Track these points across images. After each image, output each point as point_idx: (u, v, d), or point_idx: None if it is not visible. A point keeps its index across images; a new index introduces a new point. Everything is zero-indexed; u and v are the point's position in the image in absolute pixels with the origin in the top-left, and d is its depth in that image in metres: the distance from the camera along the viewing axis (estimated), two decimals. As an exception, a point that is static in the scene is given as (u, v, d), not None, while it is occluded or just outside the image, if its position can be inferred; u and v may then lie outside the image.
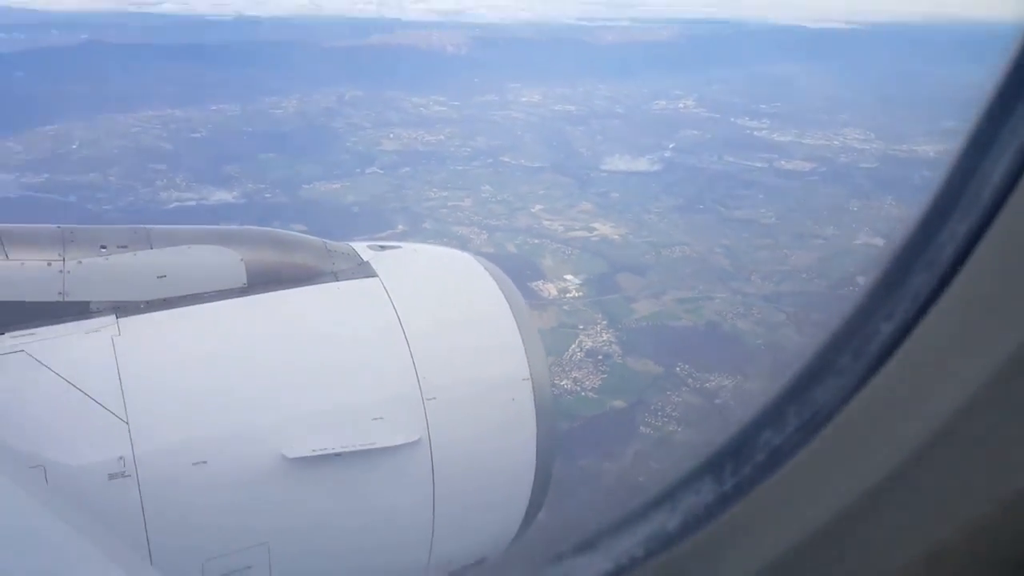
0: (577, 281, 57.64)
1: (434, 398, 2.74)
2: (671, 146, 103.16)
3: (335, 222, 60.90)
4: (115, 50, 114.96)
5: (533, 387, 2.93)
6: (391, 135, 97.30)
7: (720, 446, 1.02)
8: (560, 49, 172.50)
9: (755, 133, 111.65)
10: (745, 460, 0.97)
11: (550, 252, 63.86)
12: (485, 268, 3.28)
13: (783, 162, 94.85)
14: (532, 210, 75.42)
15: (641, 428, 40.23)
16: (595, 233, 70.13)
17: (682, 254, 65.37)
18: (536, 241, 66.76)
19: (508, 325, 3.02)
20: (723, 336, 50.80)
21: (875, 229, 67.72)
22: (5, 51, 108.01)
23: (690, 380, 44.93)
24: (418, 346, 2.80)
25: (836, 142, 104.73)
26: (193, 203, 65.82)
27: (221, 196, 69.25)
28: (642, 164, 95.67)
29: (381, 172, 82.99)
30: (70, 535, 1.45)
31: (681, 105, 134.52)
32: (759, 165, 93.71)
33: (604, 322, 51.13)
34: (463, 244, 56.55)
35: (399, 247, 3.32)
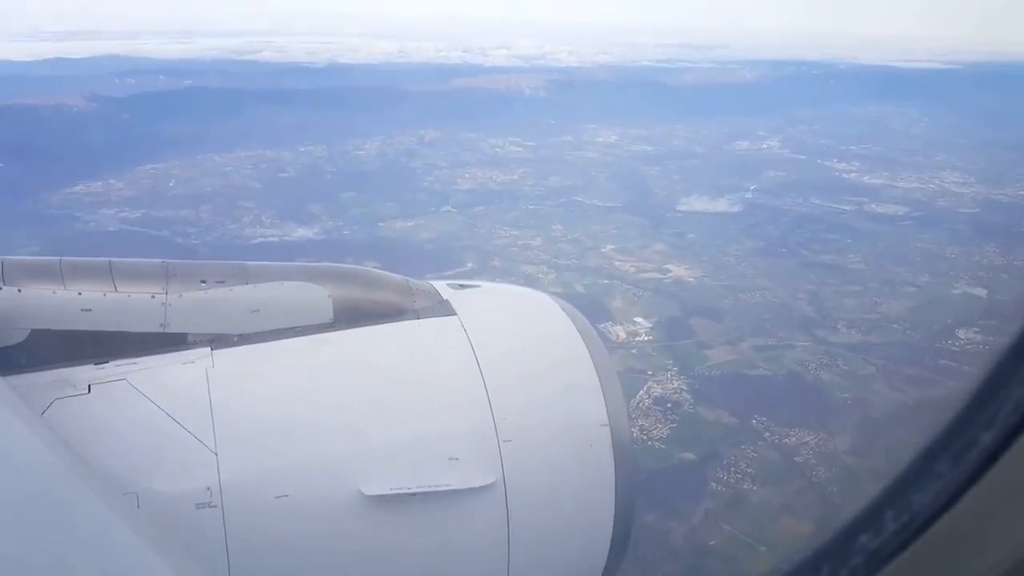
0: (647, 324, 56.00)
1: (510, 440, 2.72)
2: (753, 188, 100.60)
3: (408, 258, 61.63)
4: (215, 95, 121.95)
5: (611, 433, 2.86)
6: (467, 174, 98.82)
7: (815, 547, 0.97)
8: (638, 91, 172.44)
9: (844, 175, 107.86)
10: (841, 563, 0.92)
11: (620, 293, 62.56)
12: (563, 309, 3.22)
13: (874, 205, 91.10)
14: (603, 250, 74.52)
15: (712, 484, 38.10)
16: (668, 275, 68.48)
17: (762, 299, 62.87)
18: (606, 281, 65.65)
19: (586, 368, 2.95)
20: (805, 388, 48.12)
21: (975, 278, 63.58)
22: (116, 95, 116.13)
23: (767, 434, 42.55)
24: (494, 386, 2.78)
25: (932, 185, 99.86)
26: (276, 239, 68.22)
27: (303, 232, 71.59)
28: (721, 205, 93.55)
29: (455, 210, 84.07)
30: (157, 563, 1.49)
31: (764, 146, 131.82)
32: (847, 208, 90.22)
33: (675, 368, 49.29)
34: (531, 283, 56.00)
35: (478, 286, 3.32)
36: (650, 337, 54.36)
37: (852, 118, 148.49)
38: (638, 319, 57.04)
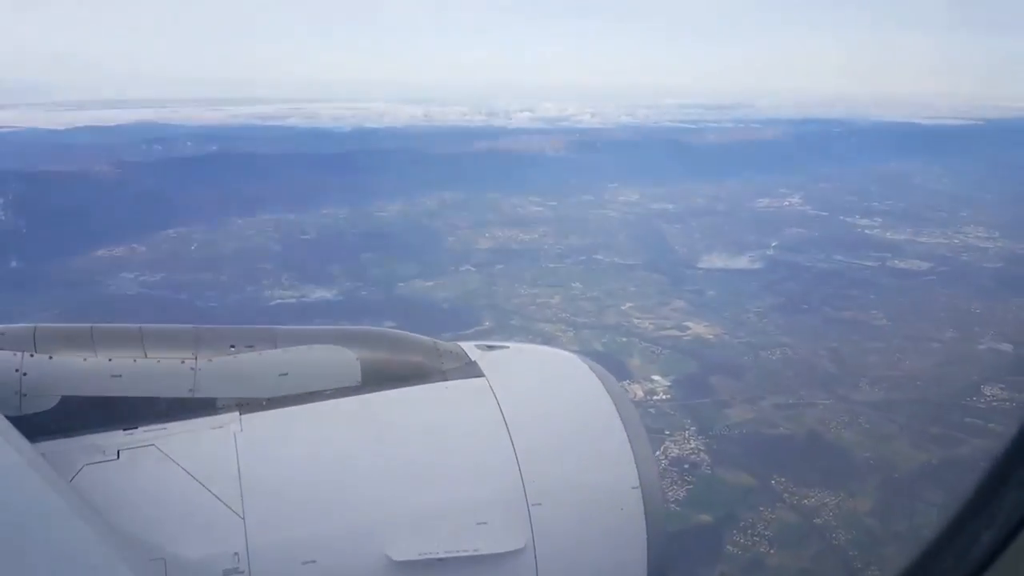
0: (666, 383, 55.09)
1: (539, 504, 2.68)
2: (774, 244, 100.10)
3: (425, 318, 61.68)
4: (240, 159, 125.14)
5: (643, 496, 2.81)
6: (487, 234, 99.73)
7: None
8: (660, 150, 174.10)
9: (866, 231, 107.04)
10: None
11: (638, 351, 61.86)
12: (591, 370, 3.20)
13: (897, 261, 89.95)
14: (622, 307, 74.11)
15: (729, 547, 36.71)
16: (687, 332, 67.73)
17: (783, 356, 61.76)
18: (624, 339, 65.05)
19: (616, 430, 2.93)
20: (826, 447, 46.67)
21: (1001, 334, 61.87)
22: (143, 161, 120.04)
23: (787, 495, 41.15)
24: (523, 449, 2.77)
25: (956, 240, 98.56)
26: (294, 300, 68.94)
27: (321, 294, 72.32)
28: (742, 262, 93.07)
29: (474, 269, 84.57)
30: None
31: (786, 203, 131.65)
32: (870, 264, 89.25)
33: (693, 428, 48.18)
34: (548, 341, 55.47)
35: (506, 347, 3.32)
36: (668, 396, 53.43)
37: (875, 174, 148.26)
38: (656, 377, 56.21)
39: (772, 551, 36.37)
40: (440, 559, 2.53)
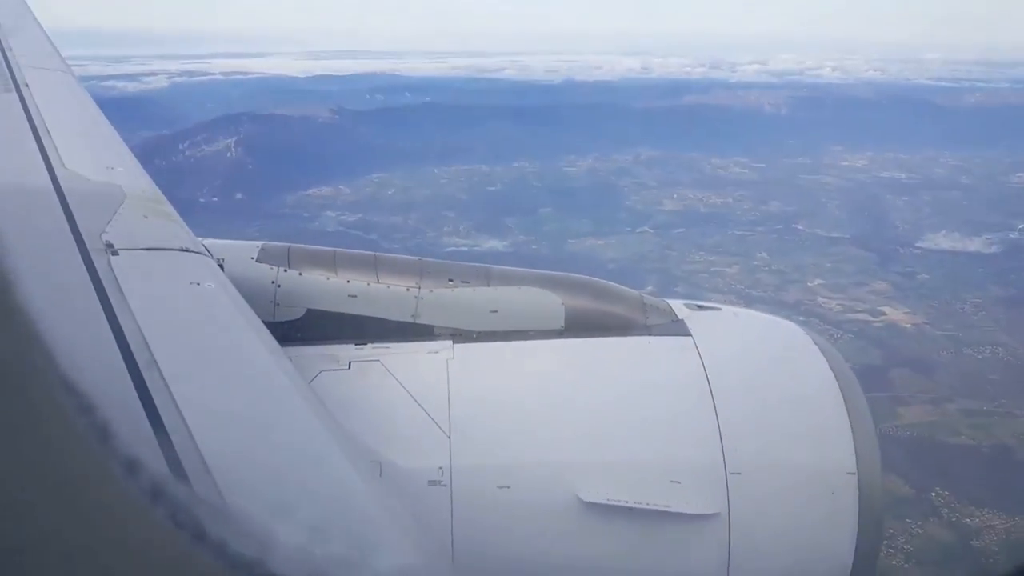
0: (832, 371, 49.86)
1: (739, 473, 2.62)
2: (1021, 226, 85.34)
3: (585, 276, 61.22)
4: (449, 111, 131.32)
5: (859, 484, 2.65)
6: (675, 195, 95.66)
7: None
8: (904, 112, 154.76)
9: None
10: None
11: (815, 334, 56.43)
12: (815, 342, 3.04)
13: None
14: (809, 284, 67.91)
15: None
16: (881, 318, 60.58)
17: (992, 356, 53.33)
18: (801, 319, 58.61)
19: (836, 410, 2.75)
20: (1013, 464, 39.79)
21: None
22: (360, 109, 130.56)
23: (945, 510, 35.93)
24: (727, 415, 2.69)
25: None
26: (466, 248, 71.68)
27: (492, 244, 74.50)
28: (975, 244, 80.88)
29: (651, 231, 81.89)
30: (393, 529, 1.69)
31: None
32: None
33: (852, 423, 43.30)
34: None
35: (719, 308, 3.28)
36: (833, 384, 48.44)
37: None
38: (825, 363, 51.14)
39: (906, 566, 31.94)
40: (629, 508, 2.56)
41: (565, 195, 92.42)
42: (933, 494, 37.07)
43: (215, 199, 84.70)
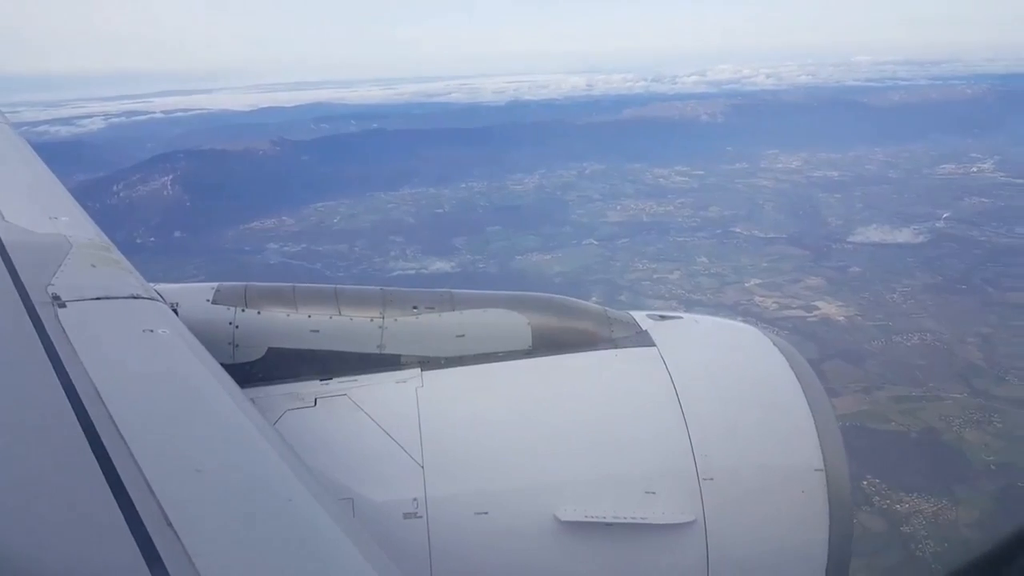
0: (771, 366, 51.44)
1: (711, 479, 2.63)
2: (945, 216, 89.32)
3: (533, 291, 62.11)
4: (396, 136, 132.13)
5: (827, 480, 2.66)
6: (619, 206, 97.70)
7: None
8: (834, 113, 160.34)
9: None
10: None
11: (752, 332, 58.11)
12: (774, 344, 3.08)
13: (1099, 238, 76.77)
14: (746, 284, 69.87)
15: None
16: (815, 313, 62.57)
17: (920, 343, 55.24)
18: (739, 319, 61.16)
19: (800, 408, 2.79)
20: (939, 448, 41.42)
21: None
22: (303, 139, 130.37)
23: (876, 498, 37.12)
24: (695, 421, 2.71)
25: None
26: (412, 272, 72.16)
27: (440, 266, 75.13)
28: (904, 235, 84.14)
29: (596, 243, 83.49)
30: (367, 568, 1.60)
31: (974, 169, 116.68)
32: (1060, 241, 76.93)
33: (787, 416, 44.74)
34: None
35: (680, 317, 3.28)
36: (770, 380, 49.98)
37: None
38: (763, 360, 52.70)
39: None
40: (607, 524, 2.57)
41: (512, 213, 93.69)
42: (864, 482, 38.37)
43: (152, 239, 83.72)
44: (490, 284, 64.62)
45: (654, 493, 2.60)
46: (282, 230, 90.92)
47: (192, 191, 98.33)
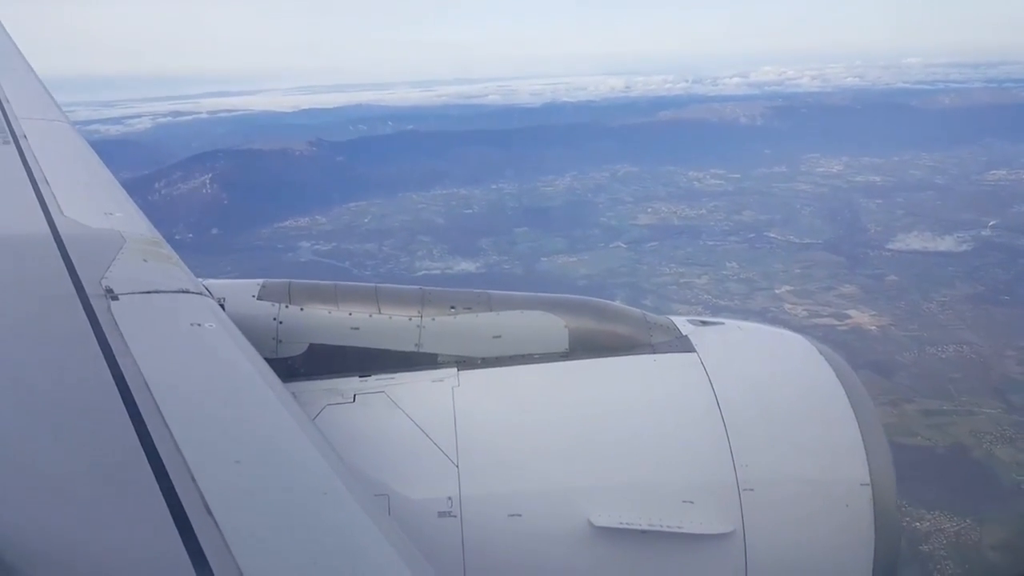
0: (793, 376, 50.29)
1: (751, 490, 2.59)
2: (992, 223, 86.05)
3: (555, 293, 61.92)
4: (430, 137, 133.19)
5: (874, 496, 2.62)
6: (650, 209, 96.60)
7: None
8: (879, 116, 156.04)
9: None
10: None
11: (778, 340, 56.90)
12: (821, 353, 3.00)
13: None
14: (776, 291, 68.52)
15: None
16: (846, 322, 61.07)
17: (956, 355, 53.51)
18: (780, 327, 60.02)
19: (847, 421, 2.72)
20: (968, 465, 40.01)
21: None
22: (339, 139, 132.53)
23: (896, 514, 35.90)
24: (736, 431, 2.67)
25: None
26: (438, 272, 72.43)
27: (464, 266, 75.30)
28: (946, 243, 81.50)
29: (624, 246, 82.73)
30: (402, 566, 1.59)
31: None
32: (1117, 253, 73.58)
33: (808, 428, 43.66)
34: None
35: (722, 323, 3.23)
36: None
37: None
38: (786, 369, 51.57)
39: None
40: (642, 531, 2.53)
41: (541, 214, 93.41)
42: (884, 496, 37.27)
43: (190, 235, 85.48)
44: (514, 285, 64.30)
45: (692, 502, 2.56)
46: (315, 229, 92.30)
47: (230, 189, 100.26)
